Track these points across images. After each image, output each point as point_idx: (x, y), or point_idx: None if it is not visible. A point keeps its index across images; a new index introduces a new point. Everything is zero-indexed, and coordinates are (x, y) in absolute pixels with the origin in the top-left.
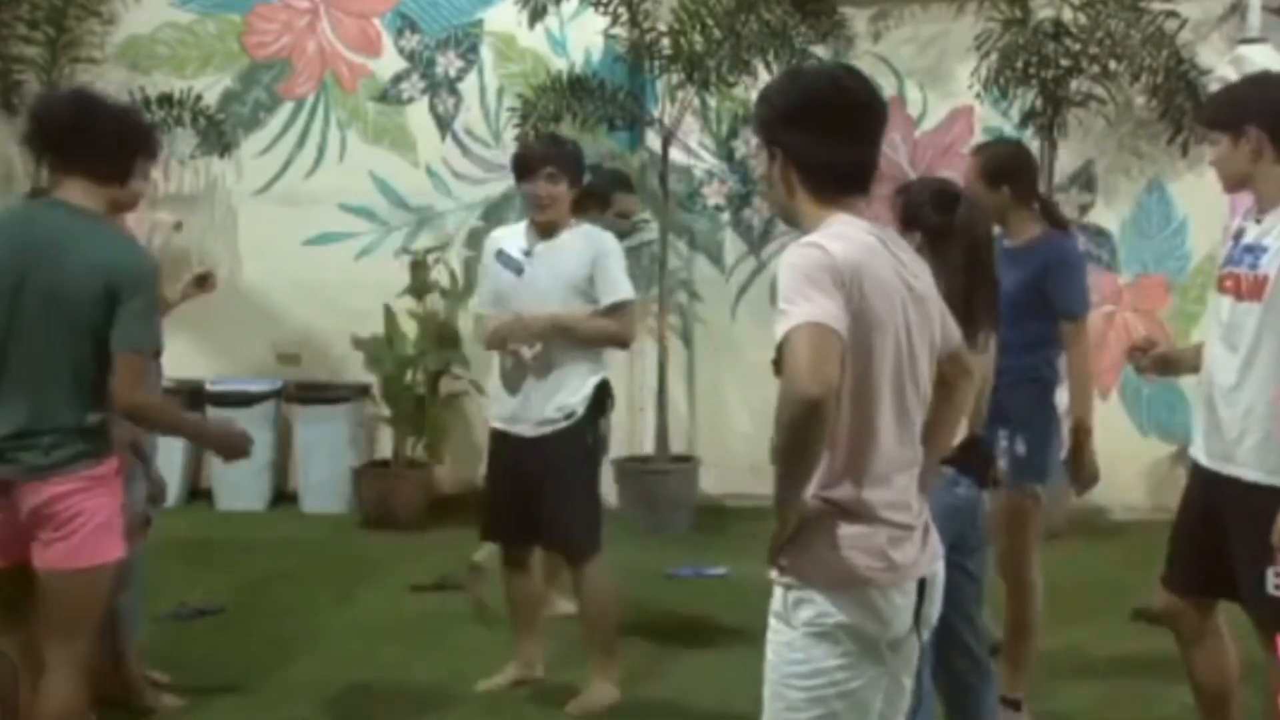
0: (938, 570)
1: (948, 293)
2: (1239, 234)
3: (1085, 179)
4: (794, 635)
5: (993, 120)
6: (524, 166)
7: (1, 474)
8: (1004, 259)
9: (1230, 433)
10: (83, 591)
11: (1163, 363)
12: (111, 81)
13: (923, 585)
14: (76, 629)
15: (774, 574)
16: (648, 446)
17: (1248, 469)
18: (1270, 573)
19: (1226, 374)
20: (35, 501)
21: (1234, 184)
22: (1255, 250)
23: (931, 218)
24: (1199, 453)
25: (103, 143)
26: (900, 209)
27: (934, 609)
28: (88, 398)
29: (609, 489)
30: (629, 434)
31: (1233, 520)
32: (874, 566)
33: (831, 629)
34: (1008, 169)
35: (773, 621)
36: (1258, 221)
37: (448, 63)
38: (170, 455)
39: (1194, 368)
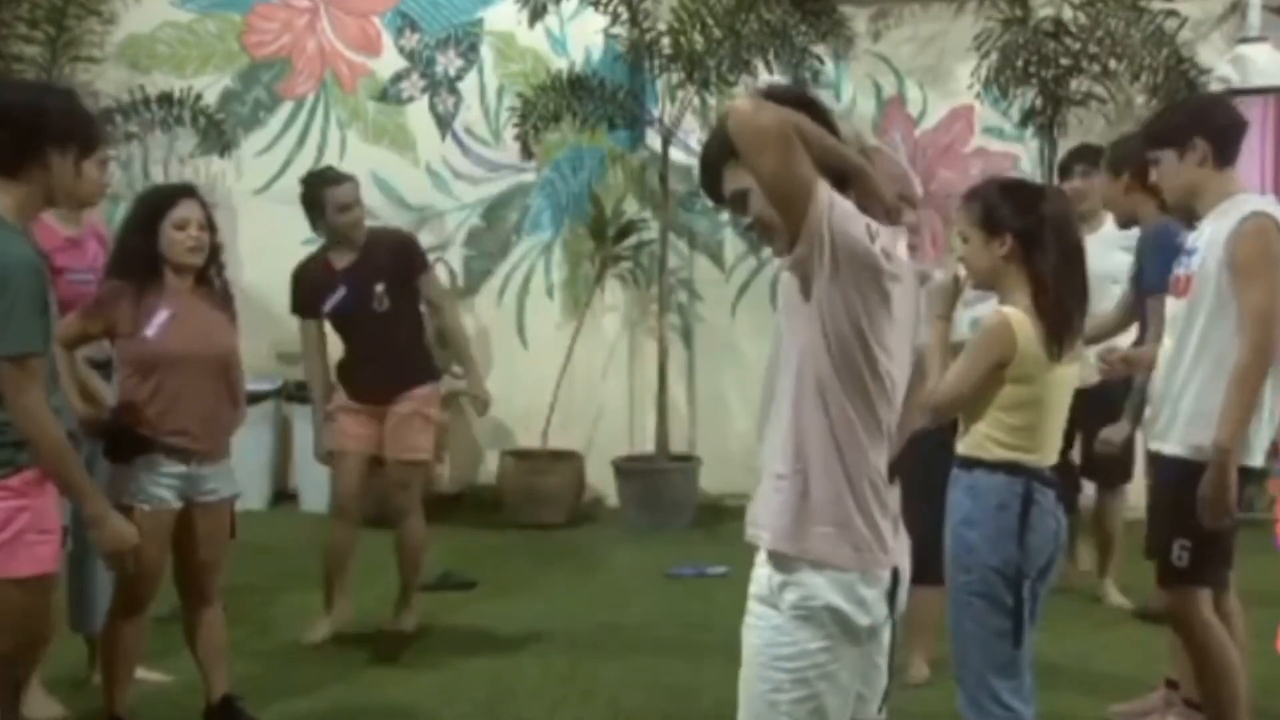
0: (904, 564)
1: (1040, 301)
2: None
3: None
4: (781, 619)
5: (993, 119)
6: None
7: None
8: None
9: (1163, 415)
10: None
11: (1125, 362)
12: (111, 81)
13: (896, 573)
14: None
15: (760, 557)
16: (648, 446)
17: (1170, 444)
18: (1177, 544)
19: (1165, 364)
20: None
21: (1181, 196)
22: (1190, 252)
23: (1017, 220)
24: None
25: None
26: (980, 216)
27: (901, 601)
28: None
29: (609, 488)
30: (629, 433)
31: (1154, 490)
32: (861, 552)
33: (817, 611)
34: None
35: (755, 606)
36: (1196, 226)
37: (448, 62)
38: None
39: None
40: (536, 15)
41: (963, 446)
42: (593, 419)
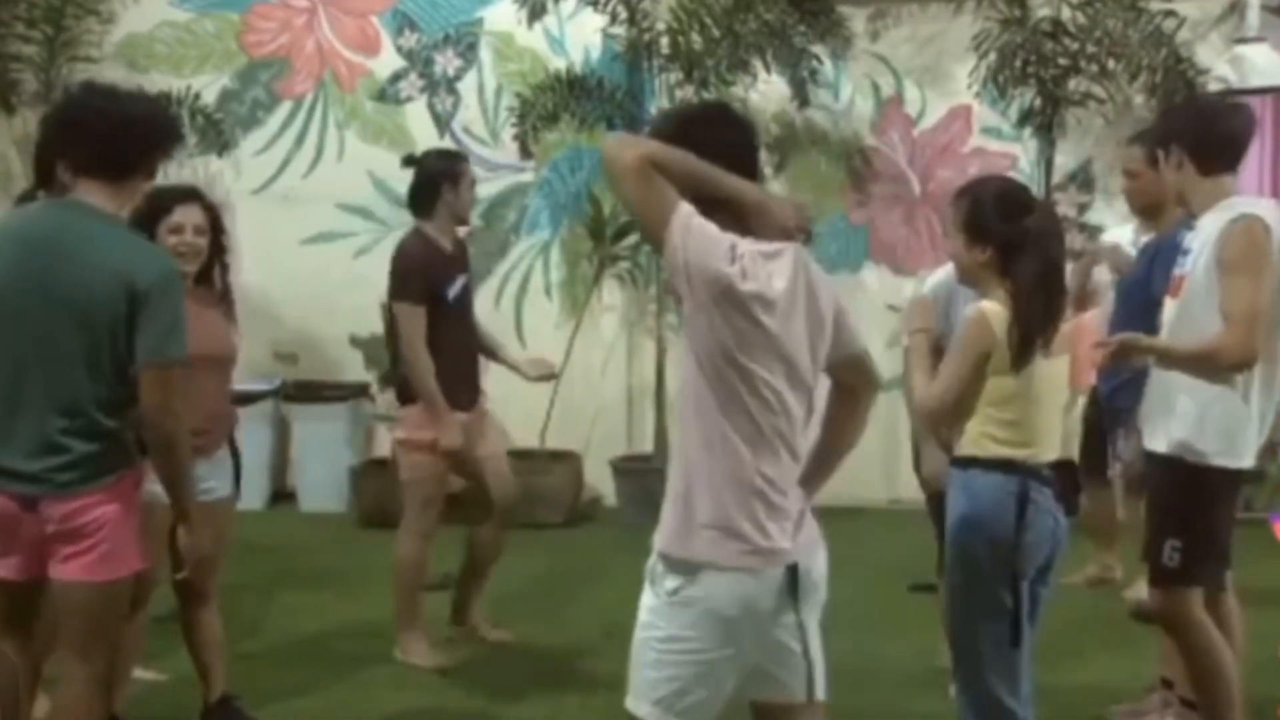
0: (810, 560)
1: (1014, 311)
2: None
3: (1084, 178)
4: (657, 603)
5: (991, 119)
6: None
7: (29, 492)
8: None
9: (1156, 415)
10: (99, 606)
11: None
12: (109, 80)
13: (795, 571)
14: (92, 645)
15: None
16: (646, 445)
17: (1161, 444)
18: (1168, 545)
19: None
20: (58, 514)
21: (1163, 195)
22: (1186, 252)
23: (1001, 231)
24: None
25: (118, 139)
26: (965, 219)
27: (808, 595)
28: (109, 409)
29: (607, 487)
30: (627, 433)
31: (1150, 490)
32: (744, 553)
33: (691, 600)
34: None
35: (646, 583)
36: (1191, 228)
37: (446, 61)
38: None
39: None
40: (535, 15)
41: (958, 446)
42: (591, 419)
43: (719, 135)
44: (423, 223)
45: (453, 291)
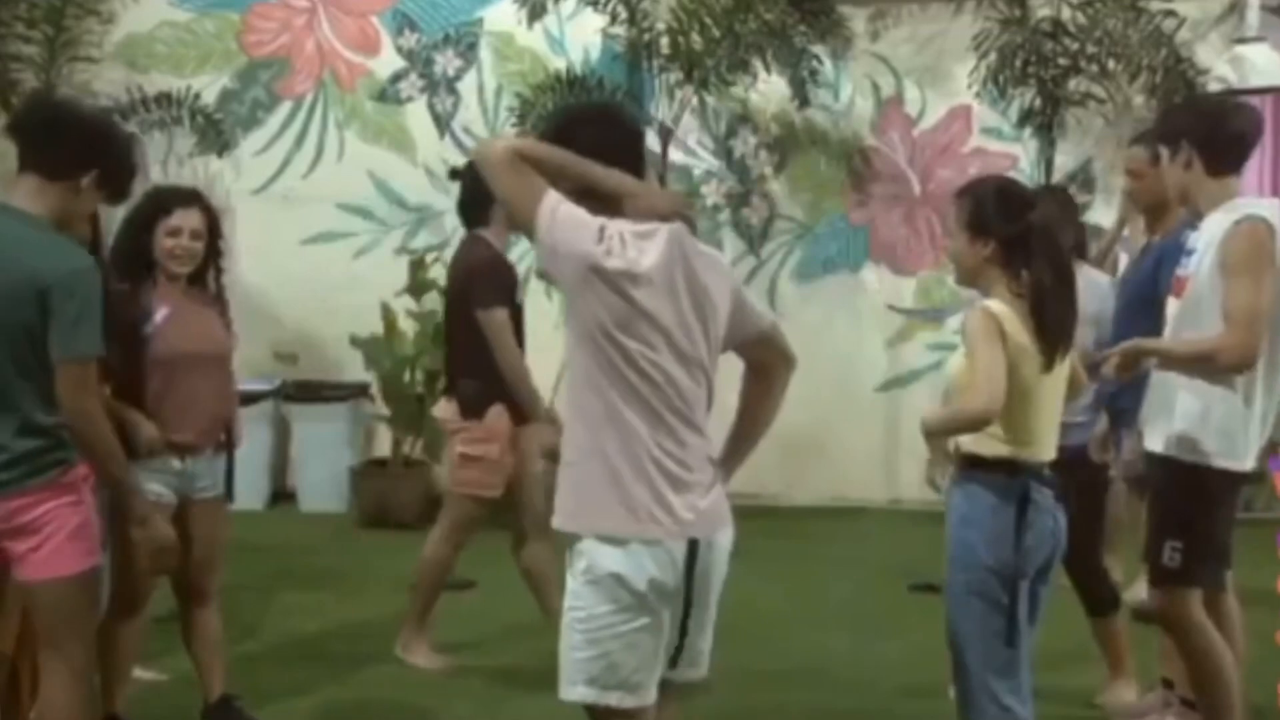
0: (716, 536)
1: (1032, 312)
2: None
3: (1084, 178)
4: (575, 584)
5: (991, 120)
6: None
7: None
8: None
9: (1157, 415)
10: (64, 600)
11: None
12: (110, 80)
13: (695, 546)
14: (65, 639)
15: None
16: None
17: (1161, 444)
18: (1168, 545)
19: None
20: (2, 513)
21: (1172, 193)
22: (1189, 252)
23: (1004, 227)
24: None
25: (56, 141)
26: (968, 215)
27: (710, 571)
28: (43, 406)
29: None
30: None
31: (1150, 489)
32: (641, 523)
33: (602, 578)
34: None
35: (568, 570)
36: (1195, 228)
37: (446, 62)
38: None
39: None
40: (535, 15)
41: (962, 444)
42: None
43: (600, 134)
44: (480, 230)
45: (520, 296)
